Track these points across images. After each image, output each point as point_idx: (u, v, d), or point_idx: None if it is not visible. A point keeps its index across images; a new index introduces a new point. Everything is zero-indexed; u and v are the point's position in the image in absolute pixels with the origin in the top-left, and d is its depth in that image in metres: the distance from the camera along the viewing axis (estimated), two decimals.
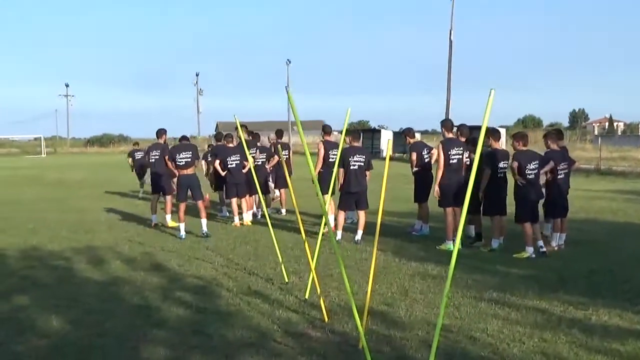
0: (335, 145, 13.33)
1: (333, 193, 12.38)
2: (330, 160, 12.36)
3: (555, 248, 10.33)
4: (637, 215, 14.76)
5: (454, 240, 10.47)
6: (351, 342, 5.78)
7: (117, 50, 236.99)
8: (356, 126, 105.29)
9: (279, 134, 15.47)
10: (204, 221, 11.98)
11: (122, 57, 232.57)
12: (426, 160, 11.83)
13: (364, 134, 58.72)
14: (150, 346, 5.73)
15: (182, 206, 11.99)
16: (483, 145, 4.43)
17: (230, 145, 13.49)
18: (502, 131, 41.70)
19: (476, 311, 6.80)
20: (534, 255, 9.68)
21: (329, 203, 12.50)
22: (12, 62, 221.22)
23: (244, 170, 13.29)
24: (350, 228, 11.87)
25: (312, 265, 6.92)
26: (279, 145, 13.37)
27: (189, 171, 12.01)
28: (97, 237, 11.79)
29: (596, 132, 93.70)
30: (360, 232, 11.12)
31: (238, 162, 13.21)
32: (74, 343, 5.81)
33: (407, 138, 12.24)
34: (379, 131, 56.46)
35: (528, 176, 9.82)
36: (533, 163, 9.90)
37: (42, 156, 69.58)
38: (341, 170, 11.12)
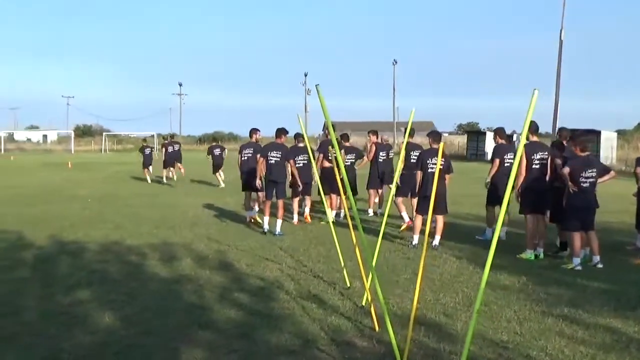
0: (416, 147, 13.10)
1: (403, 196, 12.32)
2: (412, 161, 12.27)
3: None
4: None
5: (536, 249, 9.94)
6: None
7: (228, 49, 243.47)
8: (465, 128, 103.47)
9: (344, 137, 14.88)
10: (279, 222, 12.01)
11: (233, 57, 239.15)
12: (506, 164, 11.20)
13: (469, 136, 57.56)
14: (191, 347, 5.71)
15: (268, 203, 12.21)
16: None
17: (301, 144, 13.41)
18: (613, 135, 39.89)
19: (540, 327, 6.34)
20: (580, 268, 9.09)
21: (401, 203, 12.55)
22: (131, 61, 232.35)
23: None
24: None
25: (364, 273, 6.67)
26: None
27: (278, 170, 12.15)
28: (177, 234, 12.03)
29: None
30: (437, 237, 10.75)
31: (306, 161, 13.14)
32: (118, 341, 5.87)
33: (497, 138, 11.77)
34: (484, 134, 54.81)
35: (582, 184, 9.16)
36: (589, 170, 9.22)
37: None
38: (419, 172, 10.82)
